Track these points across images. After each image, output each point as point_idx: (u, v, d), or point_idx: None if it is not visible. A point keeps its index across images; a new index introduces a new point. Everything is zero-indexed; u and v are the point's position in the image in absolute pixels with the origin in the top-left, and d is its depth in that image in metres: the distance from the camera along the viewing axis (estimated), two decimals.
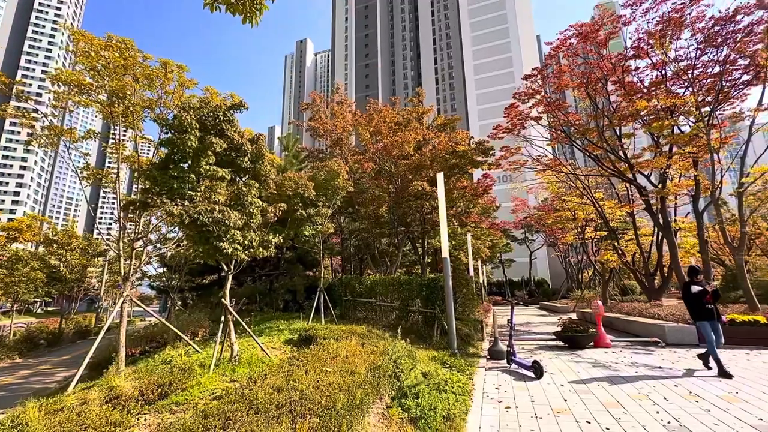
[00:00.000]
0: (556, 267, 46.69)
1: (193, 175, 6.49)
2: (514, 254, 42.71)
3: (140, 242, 9.46)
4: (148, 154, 9.94)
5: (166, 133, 6.85)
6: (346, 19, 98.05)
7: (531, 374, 6.48)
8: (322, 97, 22.09)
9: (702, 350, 6.85)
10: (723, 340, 6.35)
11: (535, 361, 6.51)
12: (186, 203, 6.23)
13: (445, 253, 9.01)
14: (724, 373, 6.06)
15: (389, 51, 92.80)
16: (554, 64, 16.73)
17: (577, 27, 14.89)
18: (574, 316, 16.81)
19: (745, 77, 12.64)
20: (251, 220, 6.75)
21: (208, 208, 6.13)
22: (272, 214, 7.41)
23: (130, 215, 8.71)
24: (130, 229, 10.61)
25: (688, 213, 17.41)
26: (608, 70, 14.73)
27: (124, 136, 8.80)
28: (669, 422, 4.25)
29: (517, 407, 4.92)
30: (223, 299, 7.00)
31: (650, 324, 10.40)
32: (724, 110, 13.67)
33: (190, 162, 6.72)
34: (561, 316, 15.94)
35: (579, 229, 24.20)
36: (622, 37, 16.65)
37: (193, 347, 7.71)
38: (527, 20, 71.49)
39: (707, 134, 12.14)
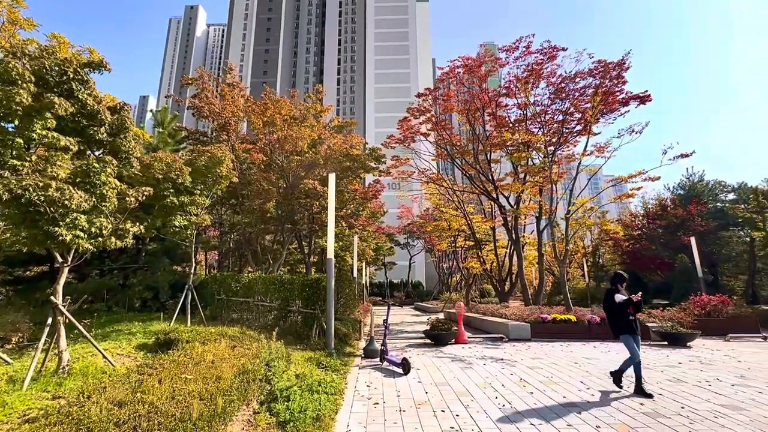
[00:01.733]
0: (431, 271, 51.43)
1: (20, 140, 5.11)
2: (396, 257, 45.43)
3: None
4: None
5: None
6: None
7: (400, 370, 6.96)
8: (211, 74, 19.95)
9: (615, 367, 6.04)
10: (639, 358, 5.57)
11: (404, 359, 7.01)
12: (5, 174, 4.87)
13: (330, 254, 9.06)
14: (641, 391, 5.40)
15: (293, 41, 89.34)
16: (444, 87, 18.51)
17: (464, 59, 16.77)
18: (442, 315, 18.70)
19: (578, 128, 16.04)
20: (103, 204, 5.64)
21: (41, 184, 4.91)
22: (133, 199, 6.34)
23: None
24: None
25: (533, 231, 21.18)
26: (486, 102, 16.96)
27: None
28: (504, 405, 5.06)
29: (384, 402, 5.22)
30: (52, 297, 5.67)
31: (498, 322, 12.26)
32: (563, 151, 17.10)
33: (18, 123, 5.29)
34: (431, 315, 17.57)
35: (452, 238, 27.16)
36: (498, 76, 19.40)
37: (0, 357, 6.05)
38: (425, 42, 77.59)
39: (550, 168, 14.98)
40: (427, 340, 10.82)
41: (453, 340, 10.59)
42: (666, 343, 10.36)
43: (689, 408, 4.87)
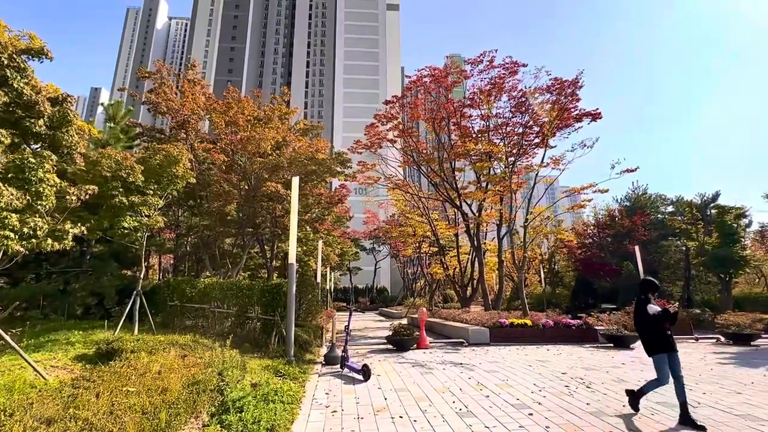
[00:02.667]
0: (396, 276, 51.65)
1: None
2: (362, 263, 45.25)
3: None
4: None
5: None
6: None
7: (361, 377, 6.89)
8: (171, 69, 19.03)
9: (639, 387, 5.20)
10: (682, 374, 4.69)
11: (364, 365, 6.96)
12: None
13: (292, 258, 8.86)
14: (689, 420, 4.41)
15: (260, 42, 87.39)
16: (411, 96, 18.82)
17: (431, 69, 17.16)
18: (405, 321, 18.78)
19: (536, 140, 16.84)
20: (39, 202, 5.17)
21: None
22: (75, 198, 5.88)
23: None
24: None
25: (494, 238, 21.89)
26: (451, 112, 17.41)
27: None
28: (461, 409, 5.14)
29: (342, 410, 5.14)
30: None
31: (459, 327, 12.51)
32: (522, 162, 17.86)
33: None
34: (394, 321, 17.60)
35: (417, 244, 27.51)
36: (463, 87, 19.99)
37: None
38: (395, 51, 78.68)
39: (510, 178, 15.60)
40: (390, 346, 10.82)
41: (415, 346, 10.66)
42: (612, 345, 11.03)
43: (630, 406, 5.19)
